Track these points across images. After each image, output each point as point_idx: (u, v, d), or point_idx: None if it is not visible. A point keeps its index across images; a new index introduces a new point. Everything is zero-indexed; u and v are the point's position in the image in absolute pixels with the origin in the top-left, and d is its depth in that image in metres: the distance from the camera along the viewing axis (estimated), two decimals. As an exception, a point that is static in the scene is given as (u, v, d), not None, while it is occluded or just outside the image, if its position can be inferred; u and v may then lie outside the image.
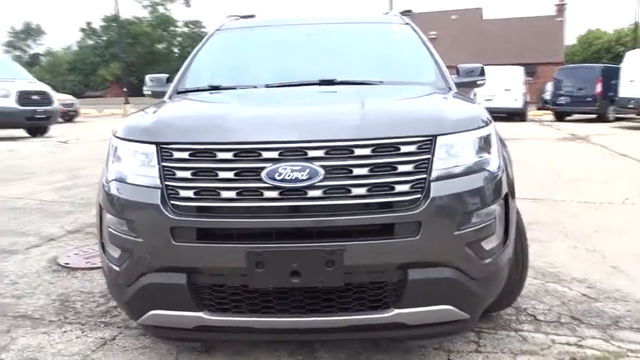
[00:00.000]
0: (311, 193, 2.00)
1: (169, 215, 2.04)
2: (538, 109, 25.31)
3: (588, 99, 19.15)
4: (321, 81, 3.04)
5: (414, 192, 2.03)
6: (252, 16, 4.36)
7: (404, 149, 2.07)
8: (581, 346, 2.58)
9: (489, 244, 2.20)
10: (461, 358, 2.49)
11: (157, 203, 2.07)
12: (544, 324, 2.82)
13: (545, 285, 3.33)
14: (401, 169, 2.05)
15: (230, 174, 2.05)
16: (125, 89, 32.81)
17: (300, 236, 2.00)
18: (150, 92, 3.55)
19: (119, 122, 2.55)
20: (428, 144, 2.10)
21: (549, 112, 21.87)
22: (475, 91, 20.50)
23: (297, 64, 3.39)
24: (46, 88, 14.19)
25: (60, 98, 19.79)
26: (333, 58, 3.44)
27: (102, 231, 2.34)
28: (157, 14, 66.03)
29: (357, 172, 2.03)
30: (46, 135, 15.02)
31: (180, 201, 2.07)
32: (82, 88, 57.52)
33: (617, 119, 18.78)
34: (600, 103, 19.03)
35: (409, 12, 37.76)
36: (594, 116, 19.47)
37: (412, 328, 2.16)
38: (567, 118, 20.09)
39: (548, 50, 40.83)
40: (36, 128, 14.66)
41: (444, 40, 44.10)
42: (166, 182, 2.10)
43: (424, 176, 2.06)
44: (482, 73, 3.56)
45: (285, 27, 3.85)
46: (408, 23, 3.78)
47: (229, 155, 2.07)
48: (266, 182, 2.00)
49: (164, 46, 64.60)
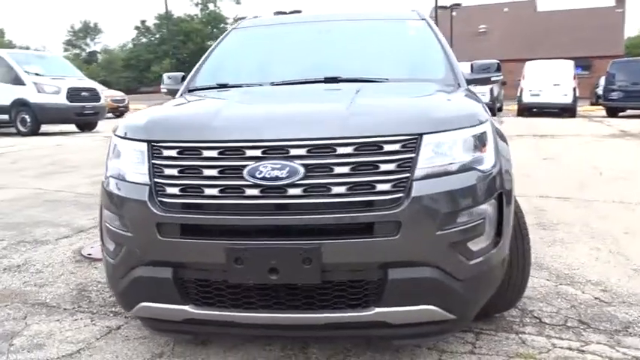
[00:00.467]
0: (291, 191, 2.02)
1: (156, 211, 2.11)
2: (591, 104, 24.34)
3: (643, 94, 18.26)
4: (326, 79, 3.05)
5: (395, 191, 2.02)
6: (284, 13, 4.41)
7: (387, 148, 2.06)
8: (583, 351, 2.50)
9: (477, 245, 2.15)
10: (453, 358, 2.45)
11: (144, 199, 2.14)
12: (548, 327, 2.74)
13: (557, 287, 3.23)
14: (383, 167, 2.04)
15: (214, 172, 2.09)
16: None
17: (279, 233, 2.03)
18: (166, 90, 3.65)
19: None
20: (413, 143, 2.08)
21: (601, 107, 20.99)
22: (522, 86, 19.95)
23: (305, 62, 3.41)
24: (94, 85, 14.75)
25: (110, 94, 20.55)
26: (342, 55, 3.43)
27: (101, 225, 2.44)
28: (207, 12, 67.44)
29: (338, 170, 2.03)
30: (94, 130, 15.64)
31: (166, 198, 2.13)
32: (136, 85, 59.41)
33: (675, 115, 17.86)
34: (656, 99, 18.11)
35: (458, 5, 37.06)
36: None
37: (396, 327, 2.15)
38: (620, 114, 19.21)
39: (607, 43, 39.16)
40: (85, 123, 15.28)
41: (494, 33, 43.12)
42: (155, 179, 2.16)
43: (407, 175, 2.04)
44: (498, 69, 3.48)
45: (299, 25, 3.87)
46: (424, 19, 3.73)
47: (214, 153, 2.11)
48: (247, 180, 2.04)
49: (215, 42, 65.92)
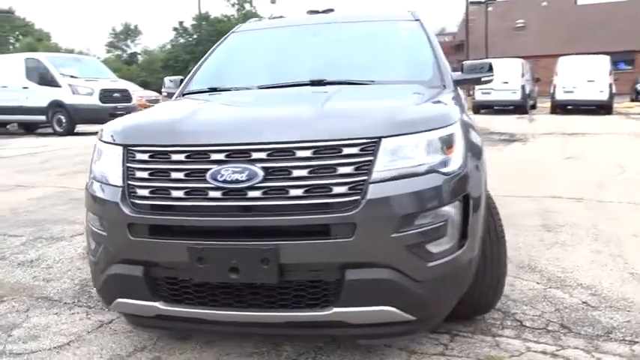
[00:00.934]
0: (251, 194, 2.10)
1: (127, 212, 2.22)
2: (631, 100, 23.55)
3: (685, 90, 17.59)
4: (311, 81, 3.11)
5: (351, 194, 2.07)
6: (282, 17, 4.49)
7: (346, 151, 2.11)
8: (557, 355, 2.49)
9: (438, 247, 2.18)
10: (422, 359, 2.48)
11: (117, 201, 2.25)
12: (528, 330, 2.73)
13: (545, 290, 3.20)
14: (340, 170, 2.09)
15: (181, 174, 2.19)
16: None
17: (239, 234, 2.10)
18: (166, 93, 3.78)
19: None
20: (372, 146, 2.12)
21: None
22: (555, 82, 19.40)
23: (295, 65, 3.47)
24: (126, 86, 15.19)
25: (145, 94, 21.06)
26: (332, 58, 3.48)
27: (86, 225, 2.57)
28: (243, 12, 68.14)
29: (296, 173, 2.09)
30: (127, 130, 16.04)
31: (137, 199, 2.23)
32: (174, 85, 60.42)
33: None
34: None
35: (493, 0, 36.34)
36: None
37: (358, 327, 2.20)
38: (661, 111, 18.58)
39: (652, 36, 37.68)
40: (118, 123, 15.69)
41: (532, 28, 42.12)
42: (128, 182, 2.27)
43: (364, 178, 2.08)
44: (490, 69, 3.46)
45: (295, 28, 3.93)
46: (417, 20, 3.74)
47: (182, 157, 2.21)
48: (210, 183, 2.12)
49: (251, 42, 66.47)
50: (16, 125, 16.52)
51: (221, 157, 2.15)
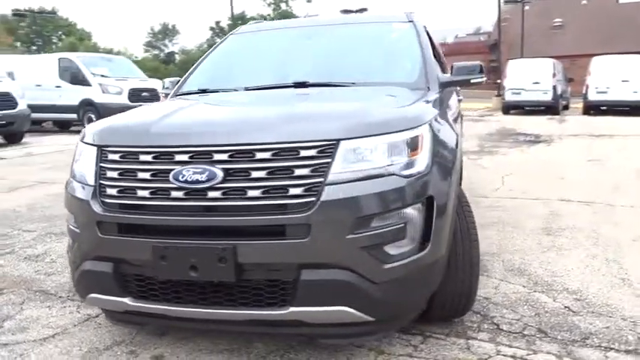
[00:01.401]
0: (211, 194, 2.15)
1: (96, 210, 2.30)
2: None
3: None
4: (295, 83, 3.15)
5: (307, 195, 2.10)
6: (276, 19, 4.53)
7: (303, 153, 2.14)
8: (525, 360, 2.47)
9: (396, 249, 2.19)
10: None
11: (88, 199, 2.34)
12: (503, 334, 2.71)
13: (530, 294, 3.16)
14: (297, 172, 2.12)
15: (147, 175, 2.26)
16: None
17: (199, 233, 2.16)
18: (164, 94, 3.87)
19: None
20: (330, 148, 2.15)
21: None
22: (587, 83, 18.84)
23: (283, 67, 3.52)
24: (155, 85, 15.48)
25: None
26: (319, 60, 3.52)
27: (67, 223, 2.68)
28: (279, 11, 68.58)
29: (255, 174, 2.14)
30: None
31: (107, 198, 2.31)
32: (209, 84, 61.32)
33: None
34: None
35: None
36: None
37: (316, 326, 2.23)
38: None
39: (701, 34, 36.19)
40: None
41: (570, 27, 41.07)
42: (100, 181, 2.36)
43: (320, 180, 2.11)
44: (481, 71, 3.43)
45: (290, 30, 3.98)
46: (411, 21, 3.73)
47: (149, 158, 2.28)
48: (172, 183, 2.18)
49: (286, 41, 66.92)
50: (51, 123, 17.07)
51: (185, 158, 2.22)
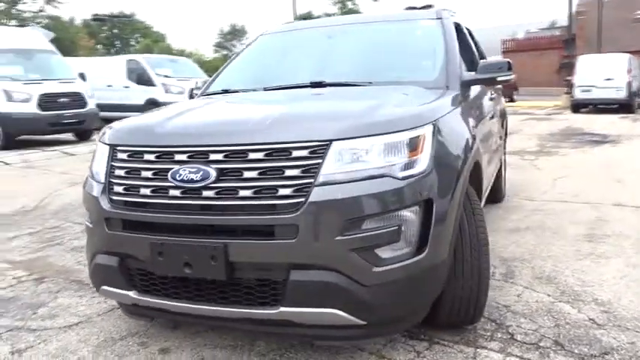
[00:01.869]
0: (205, 193, 2.20)
1: (104, 207, 2.41)
2: None
3: None
4: (311, 83, 3.15)
5: (295, 196, 2.10)
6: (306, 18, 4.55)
7: (295, 154, 2.14)
8: (534, 373, 2.35)
9: (389, 252, 2.15)
10: (388, 365, 2.45)
11: (97, 196, 2.45)
12: (516, 345, 2.60)
13: (554, 304, 3.00)
14: (288, 173, 2.13)
15: (149, 173, 2.33)
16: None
17: (193, 231, 2.21)
18: (189, 95, 3.99)
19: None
20: (322, 149, 2.14)
21: None
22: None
23: (303, 67, 3.53)
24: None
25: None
26: (340, 59, 3.50)
27: None
28: (345, 10, 68.67)
29: (247, 174, 2.16)
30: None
31: (114, 195, 2.41)
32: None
33: None
34: None
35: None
36: None
37: (307, 327, 2.23)
38: None
39: None
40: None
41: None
42: (109, 179, 2.46)
43: (310, 181, 2.10)
44: (509, 68, 3.30)
45: (316, 29, 3.98)
46: (439, 18, 3.63)
47: (152, 157, 2.36)
48: (170, 182, 2.25)
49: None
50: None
51: (184, 157, 2.28)
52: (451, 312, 2.59)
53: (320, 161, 2.12)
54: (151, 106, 15.13)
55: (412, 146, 2.24)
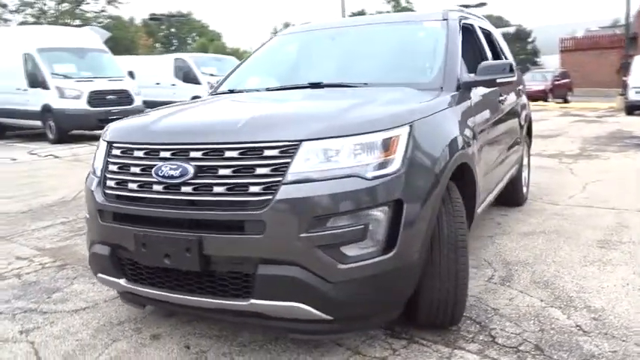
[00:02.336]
0: (184, 189, 2.32)
1: (98, 200, 2.58)
2: None
3: None
4: (310, 84, 3.24)
5: (265, 193, 2.19)
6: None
7: (267, 153, 2.24)
8: (505, 376, 2.36)
9: (355, 250, 2.20)
10: (361, 361, 2.51)
11: (93, 190, 2.63)
12: (495, 347, 2.60)
13: (544, 309, 2.97)
14: (259, 171, 2.22)
15: (138, 169, 2.49)
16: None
17: (172, 225, 2.34)
18: (207, 93, 4.16)
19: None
20: (292, 148, 2.22)
21: None
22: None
23: (305, 68, 3.62)
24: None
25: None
26: (340, 61, 3.57)
27: None
28: (399, 8, 68.15)
29: (222, 172, 2.27)
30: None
31: (107, 189, 2.58)
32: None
33: None
34: None
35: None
36: None
37: (278, 320, 2.32)
38: None
39: None
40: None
41: None
42: (104, 174, 2.63)
43: (279, 179, 2.19)
44: (511, 70, 3.28)
45: (324, 31, 4.04)
46: (445, 19, 3.63)
47: (141, 154, 2.51)
48: (154, 177, 2.39)
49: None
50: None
51: (167, 154, 2.41)
52: (429, 313, 2.62)
53: (289, 161, 2.20)
54: (196, 103, 15.65)
55: (385, 147, 2.29)
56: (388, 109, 2.55)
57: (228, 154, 2.29)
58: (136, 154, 2.52)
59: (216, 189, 2.26)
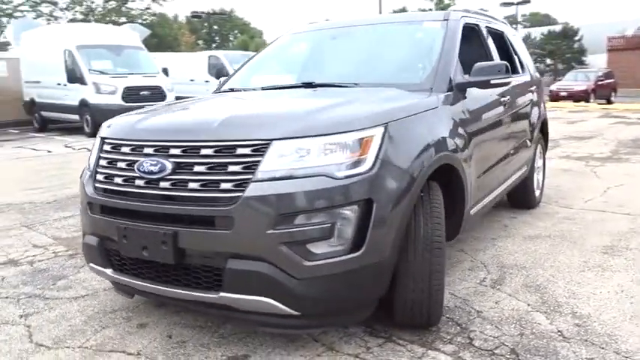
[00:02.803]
0: (162, 184, 2.42)
1: (87, 193, 2.71)
2: None
3: None
4: (303, 84, 3.30)
5: (234, 190, 2.26)
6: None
7: (239, 151, 2.31)
8: (473, 378, 2.37)
9: (321, 248, 2.25)
10: (332, 356, 2.55)
11: (84, 183, 2.76)
12: (470, 349, 2.60)
13: (529, 313, 2.95)
14: (231, 169, 2.30)
15: (124, 164, 2.60)
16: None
17: (151, 218, 2.44)
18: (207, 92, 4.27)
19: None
20: (263, 147, 2.29)
21: None
22: None
23: (302, 67, 3.68)
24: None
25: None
26: (335, 61, 3.62)
27: None
28: (441, 5, 67.18)
29: (197, 169, 2.36)
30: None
31: (97, 183, 2.71)
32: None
33: None
34: None
35: None
36: None
37: (247, 313, 2.39)
38: None
39: None
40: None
41: None
42: (96, 168, 2.76)
43: (249, 177, 2.26)
44: (506, 71, 3.26)
45: (327, 31, 4.08)
46: (446, 20, 3.62)
47: (127, 150, 2.62)
48: (135, 173, 2.50)
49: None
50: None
51: (150, 151, 2.51)
52: (404, 313, 2.65)
53: (260, 159, 2.27)
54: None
55: (357, 147, 2.33)
56: (365, 109, 2.58)
57: (203, 152, 2.37)
58: (123, 149, 2.64)
59: (191, 185, 2.35)
